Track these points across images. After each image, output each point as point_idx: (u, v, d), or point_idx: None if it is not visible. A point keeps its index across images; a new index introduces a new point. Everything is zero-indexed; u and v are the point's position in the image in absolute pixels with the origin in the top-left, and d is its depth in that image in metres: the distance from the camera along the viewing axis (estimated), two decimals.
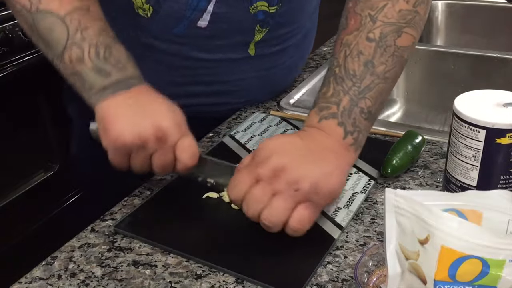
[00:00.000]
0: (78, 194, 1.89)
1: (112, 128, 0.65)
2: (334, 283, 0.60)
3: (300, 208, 0.61)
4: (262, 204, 0.61)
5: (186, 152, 0.67)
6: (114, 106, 0.67)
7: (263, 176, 0.61)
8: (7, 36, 1.52)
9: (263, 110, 0.97)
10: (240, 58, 0.82)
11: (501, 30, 1.47)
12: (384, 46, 0.67)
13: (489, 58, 1.19)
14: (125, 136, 0.65)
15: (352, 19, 0.69)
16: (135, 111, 0.66)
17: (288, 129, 0.90)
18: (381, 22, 0.67)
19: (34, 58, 1.61)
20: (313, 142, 0.64)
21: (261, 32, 0.79)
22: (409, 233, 0.47)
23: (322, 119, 0.65)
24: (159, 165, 0.67)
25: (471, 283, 0.44)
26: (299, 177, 0.60)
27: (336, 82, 0.66)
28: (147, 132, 0.65)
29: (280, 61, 0.90)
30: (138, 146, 0.65)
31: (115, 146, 0.66)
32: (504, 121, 0.61)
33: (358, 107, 0.65)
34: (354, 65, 0.66)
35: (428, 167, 0.79)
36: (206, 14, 0.76)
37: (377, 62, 0.66)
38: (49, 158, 1.77)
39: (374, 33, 0.67)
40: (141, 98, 0.68)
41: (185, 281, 0.61)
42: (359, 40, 0.67)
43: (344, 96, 0.65)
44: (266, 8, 0.78)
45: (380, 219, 0.69)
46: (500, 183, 0.64)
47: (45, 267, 0.63)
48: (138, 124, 0.65)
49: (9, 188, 1.65)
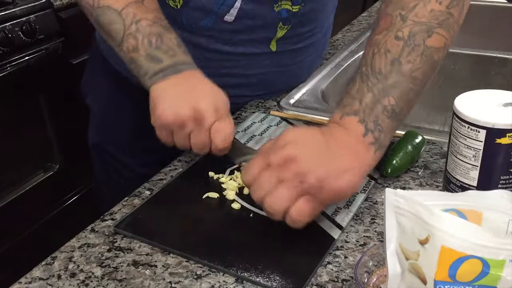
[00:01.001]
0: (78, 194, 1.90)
1: (157, 108, 0.73)
2: (334, 283, 0.60)
3: (301, 200, 0.61)
4: (266, 189, 0.62)
5: (219, 135, 0.73)
6: (163, 88, 0.74)
7: (273, 162, 0.62)
8: (7, 36, 1.52)
9: (263, 110, 0.97)
10: (261, 53, 0.87)
11: (501, 30, 1.47)
12: (412, 45, 0.66)
13: (489, 58, 1.19)
14: (166, 116, 0.72)
15: (382, 20, 0.70)
16: (179, 94, 0.73)
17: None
18: (411, 21, 0.67)
19: (34, 58, 1.61)
20: (332, 139, 0.64)
21: (283, 29, 0.83)
22: (409, 233, 0.47)
23: (343, 116, 0.65)
24: (196, 144, 0.74)
25: (471, 283, 0.44)
26: (307, 170, 0.60)
27: (362, 80, 0.66)
28: (186, 113, 0.71)
29: (299, 58, 0.94)
30: (178, 125, 0.72)
31: (159, 123, 0.73)
32: (504, 121, 0.61)
33: (381, 104, 0.64)
34: (380, 63, 0.66)
35: (428, 167, 0.79)
36: (234, 9, 0.81)
37: (404, 60, 0.66)
38: (49, 158, 1.77)
39: (403, 31, 0.67)
40: (188, 81, 0.75)
41: (185, 281, 0.61)
42: (387, 39, 0.67)
43: (367, 92, 0.65)
44: (290, 7, 0.82)
45: (380, 219, 0.69)
46: (500, 183, 0.64)
47: (45, 267, 0.63)
48: (179, 105, 0.72)
49: (9, 188, 1.65)
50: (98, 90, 1.06)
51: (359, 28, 1.36)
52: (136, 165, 1.02)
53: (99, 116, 1.07)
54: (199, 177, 0.77)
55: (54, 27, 1.67)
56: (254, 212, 0.70)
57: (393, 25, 0.68)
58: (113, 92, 1.02)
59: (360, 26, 1.38)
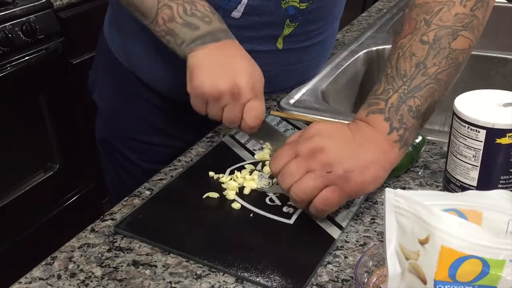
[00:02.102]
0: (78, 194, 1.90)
1: (195, 77, 0.73)
2: (334, 283, 0.60)
3: (327, 190, 0.63)
4: (294, 178, 0.64)
5: (252, 113, 0.74)
6: (202, 56, 0.74)
7: (301, 152, 0.64)
8: (7, 36, 1.52)
9: None
10: (268, 50, 0.86)
11: (501, 30, 1.47)
12: (438, 48, 0.67)
13: (489, 58, 1.19)
14: (204, 87, 0.73)
15: (407, 24, 0.71)
16: (219, 64, 0.73)
17: (288, 129, 0.90)
18: (435, 26, 0.68)
19: (34, 58, 1.62)
20: (358, 133, 0.66)
21: (291, 27, 0.83)
22: (409, 233, 0.47)
23: (369, 114, 0.67)
24: (228, 118, 0.75)
25: (471, 283, 0.44)
26: (334, 161, 0.62)
27: (387, 82, 0.68)
28: (224, 87, 0.72)
29: (306, 57, 0.93)
30: (214, 97, 0.73)
31: (196, 93, 0.74)
32: (504, 121, 0.61)
33: (406, 105, 0.66)
34: (405, 65, 0.68)
35: (428, 167, 0.79)
36: (241, 5, 0.80)
37: (430, 63, 0.67)
38: (49, 158, 1.77)
39: (428, 36, 0.68)
40: (228, 52, 0.75)
41: (185, 281, 0.61)
42: (412, 43, 0.68)
43: (393, 94, 0.67)
44: (297, 4, 0.82)
45: (380, 219, 0.69)
46: (500, 183, 0.64)
47: (45, 267, 0.63)
48: (218, 77, 0.72)
49: (9, 188, 1.65)
50: (105, 87, 1.06)
51: (359, 28, 1.36)
52: (144, 161, 1.02)
53: (106, 111, 1.07)
54: (199, 177, 0.77)
55: (54, 27, 1.67)
56: (254, 212, 0.70)
57: (418, 29, 0.69)
58: (120, 88, 1.02)
59: (360, 26, 1.37)
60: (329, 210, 0.65)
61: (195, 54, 0.74)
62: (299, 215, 0.69)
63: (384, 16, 1.41)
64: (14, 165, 1.66)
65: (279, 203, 0.72)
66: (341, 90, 1.13)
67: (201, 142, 0.89)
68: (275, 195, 0.73)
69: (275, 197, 0.73)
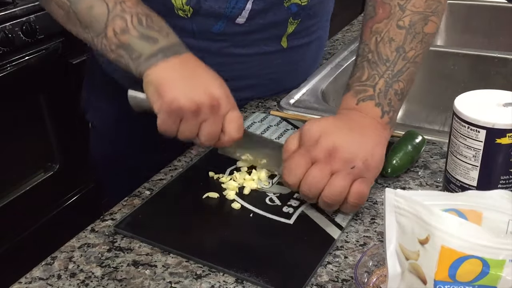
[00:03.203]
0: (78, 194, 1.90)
1: (168, 91, 0.67)
2: (334, 283, 0.60)
3: (357, 184, 0.64)
4: (322, 183, 0.63)
5: (234, 124, 0.70)
6: (168, 70, 0.68)
7: (319, 157, 0.64)
8: (7, 36, 1.52)
9: (263, 110, 0.97)
10: (274, 51, 0.86)
11: (501, 30, 1.47)
12: (414, 33, 0.72)
13: (489, 58, 1.19)
14: (180, 100, 0.66)
15: (380, 8, 0.74)
16: (189, 77, 0.69)
17: (289, 129, 0.90)
18: (410, 11, 0.72)
19: (34, 58, 1.62)
20: (352, 122, 0.68)
21: (293, 24, 0.83)
22: (409, 233, 0.47)
23: (359, 101, 0.70)
24: (207, 134, 0.69)
25: (471, 283, 0.44)
26: (352, 155, 0.64)
27: (371, 67, 0.71)
28: (203, 99, 0.67)
29: (307, 53, 0.94)
30: (192, 112, 0.67)
31: (170, 109, 0.67)
32: (504, 121, 0.61)
33: (392, 89, 0.70)
34: (386, 50, 0.71)
35: (428, 167, 0.79)
36: (245, 11, 0.79)
37: (408, 47, 0.71)
38: (49, 158, 1.77)
39: (403, 21, 0.72)
40: (191, 65, 0.71)
41: (185, 281, 0.61)
42: (390, 28, 0.72)
43: (380, 79, 0.70)
44: (299, 0, 0.81)
45: (380, 219, 0.69)
46: (500, 183, 0.64)
47: (45, 267, 0.63)
48: (194, 90, 0.67)
49: (9, 188, 1.65)
50: (99, 106, 1.03)
51: (359, 28, 1.36)
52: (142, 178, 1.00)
53: (101, 131, 1.05)
54: (199, 177, 0.77)
55: (54, 27, 1.67)
56: (254, 212, 0.70)
57: (393, 14, 0.72)
58: (115, 106, 0.99)
59: (360, 26, 1.37)
60: (364, 202, 0.66)
61: (157, 69, 0.68)
62: (299, 215, 0.69)
63: None
64: (14, 165, 1.66)
65: (279, 203, 0.72)
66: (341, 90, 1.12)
67: None
68: (275, 195, 0.73)
69: (275, 197, 0.73)
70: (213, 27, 0.83)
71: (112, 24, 0.69)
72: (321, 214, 0.69)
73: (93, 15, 0.70)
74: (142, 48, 0.69)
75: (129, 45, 0.69)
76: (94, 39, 0.71)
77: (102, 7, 0.70)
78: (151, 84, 0.68)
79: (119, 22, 0.69)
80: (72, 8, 0.71)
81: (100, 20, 0.70)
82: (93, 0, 0.70)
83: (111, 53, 0.71)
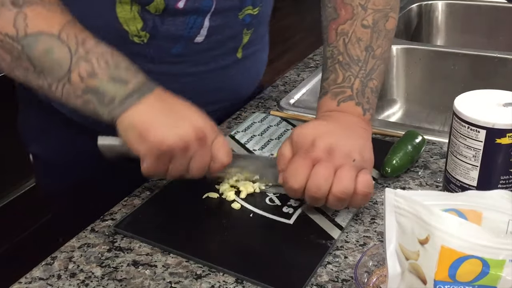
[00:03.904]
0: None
1: (153, 134, 0.63)
2: (334, 283, 0.60)
3: (361, 174, 0.65)
4: (330, 180, 0.63)
5: (222, 151, 0.68)
6: (146, 111, 0.64)
7: (320, 157, 0.64)
8: None
9: (263, 110, 0.97)
10: (230, 63, 0.83)
11: (501, 30, 1.47)
12: (378, 31, 0.74)
13: (489, 58, 1.19)
14: (169, 140, 0.63)
15: (342, 10, 0.75)
16: (169, 114, 0.65)
17: (289, 129, 0.90)
18: (371, 10, 0.75)
19: None
20: (338, 122, 0.69)
21: (248, 34, 0.82)
22: (409, 233, 0.47)
23: (340, 103, 0.71)
24: (198, 167, 0.67)
25: (471, 283, 0.44)
26: (349, 150, 0.65)
27: (344, 69, 0.73)
28: (189, 134, 0.64)
29: (259, 58, 0.91)
30: (182, 149, 0.64)
31: (159, 151, 0.63)
32: (504, 121, 0.61)
33: (368, 87, 0.72)
34: (356, 51, 0.73)
35: (428, 167, 0.79)
36: (203, 29, 0.76)
37: (375, 46, 0.74)
38: None
39: (367, 20, 0.74)
40: (167, 100, 0.67)
41: (185, 281, 0.61)
42: (355, 28, 0.74)
43: (355, 80, 0.72)
44: (251, 11, 0.80)
45: (380, 219, 0.69)
46: (500, 183, 0.64)
47: (45, 267, 0.63)
48: (178, 126, 0.64)
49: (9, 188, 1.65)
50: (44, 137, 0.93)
51: None
52: None
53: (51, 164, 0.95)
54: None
55: None
56: (254, 212, 0.70)
57: (357, 14, 0.74)
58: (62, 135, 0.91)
59: None
60: (372, 191, 0.66)
61: (134, 112, 0.64)
62: (299, 215, 0.69)
63: None
64: (14, 165, 1.66)
65: (279, 203, 0.72)
66: None
67: None
68: (275, 195, 0.73)
69: (275, 197, 0.73)
70: (172, 49, 0.78)
71: (77, 68, 0.63)
72: (321, 214, 0.69)
73: (53, 59, 0.63)
74: (114, 92, 0.64)
75: (99, 90, 0.64)
76: (53, 85, 0.65)
77: (63, 50, 0.63)
78: (132, 128, 0.64)
79: (85, 65, 0.64)
80: (26, 52, 0.63)
81: (62, 64, 0.63)
82: (51, 42, 0.63)
83: (76, 99, 0.65)
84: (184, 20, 0.75)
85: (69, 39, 0.64)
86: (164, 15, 0.74)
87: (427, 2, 1.52)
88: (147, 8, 0.72)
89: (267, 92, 1.05)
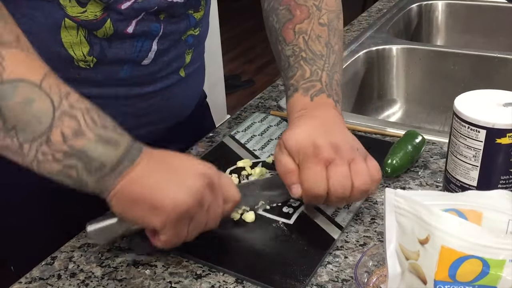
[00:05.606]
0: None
1: (164, 199, 0.56)
2: (334, 283, 0.60)
3: (369, 160, 0.66)
4: (349, 175, 0.64)
5: (232, 189, 0.64)
6: (145, 176, 0.57)
7: (330, 157, 0.64)
8: None
9: (263, 110, 0.97)
10: (174, 82, 0.81)
11: (501, 30, 1.47)
12: (333, 29, 0.77)
13: (489, 58, 1.19)
14: (184, 200, 0.56)
15: (297, 10, 0.77)
16: (169, 171, 0.59)
17: None
18: (325, 10, 0.78)
19: None
20: (320, 119, 0.69)
21: (189, 54, 0.82)
22: (409, 233, 0.47)
23: (313, 97, 0.72)
24: (215, 215, 0.61)
25: (471, 283, 0.44)
26: (350, 142, 0.66)
27: (309, 64, 0.74)
28: (199, 186, 0.58)
29: (200, 74, 0.91)
30: (198, 204, 0.58)
31: (178, 216, 0.57)
32: (504, 121, 0.61)
33: (334, 80, 0.74)
34: (317, 47, 0.75)
35: (428, 167, 0.79)
36: (151, 52, 0.75)
37: (333, 42, 0.77)
38: None
39: (323, 19, 0.77)
40: (158, 156, 0.60)
41: (185, 281, 0.61)
42: (313, 26, 0.76)
43: (322, 73, 0.74)
44: (193, 31, 0.80)
45: (380, 219, 0.69)
46: (500, 183, 0.64)
47: (45, 267, 0.63)
48: (185, 181, 0.58)
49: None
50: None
51: (359, 28, 1.36)
52: None
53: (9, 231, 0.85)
54: None
55: None
56: (254, 212, 0.70)
57: (313, 14, 0.77)
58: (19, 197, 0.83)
59: (360, 26, 1.37)
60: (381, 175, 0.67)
61: (133, 179, 0.56)
62: (299, 215, 0.69)
63: (384, 16, 1.41)
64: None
65: (279, 203, 0.72)
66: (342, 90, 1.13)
67: (201, 142, 0.89)
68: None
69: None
70: (119, 73, 0.74)
71: (60, 125, 0.53)
72: (321, 214, 0.69)
73: (32, 111, 0.53)
74: (105, 155, 0.55)
75: (86, 153, 0.54)
76: (24, 145, 0.54)
77: (45, 101, 0.53)
78: (137, 201, 0.56)
79: (70, 122, 0.54)
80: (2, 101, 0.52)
81: (41, 119, 0.53)
82: (31, 92, 0.53)
83: (54, 164, 0.55)
84: (132, 43, 0.73)
85: (52, 90, 0.54)
86: (112, 39, 0.70)
87: (427, 2, 1.52)
88: (95, 33, 0.69)
89: (267, 92, 1.05)
